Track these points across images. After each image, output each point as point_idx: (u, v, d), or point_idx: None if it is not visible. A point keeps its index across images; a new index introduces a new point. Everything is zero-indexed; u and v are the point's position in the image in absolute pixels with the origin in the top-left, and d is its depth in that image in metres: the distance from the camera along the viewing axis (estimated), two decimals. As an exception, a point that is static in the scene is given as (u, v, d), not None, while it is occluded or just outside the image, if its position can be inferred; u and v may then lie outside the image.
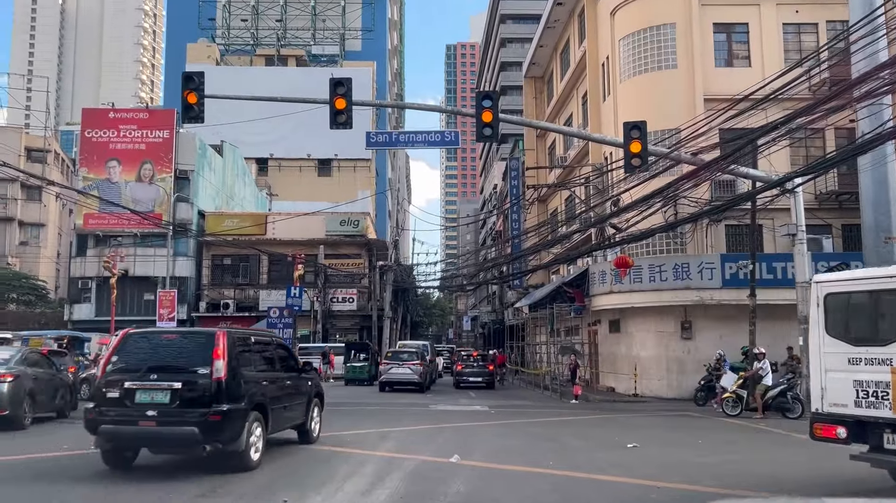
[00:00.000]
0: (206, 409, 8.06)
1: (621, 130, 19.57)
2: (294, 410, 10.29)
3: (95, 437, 8.26)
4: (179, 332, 10.29)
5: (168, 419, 8.04)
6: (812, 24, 24.06)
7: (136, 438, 8.40)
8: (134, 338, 8.87)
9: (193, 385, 8.18)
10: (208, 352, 8.35)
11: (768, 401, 16.28)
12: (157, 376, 8.25)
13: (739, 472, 8.70)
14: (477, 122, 15.70)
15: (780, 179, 17.10)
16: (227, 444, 8.24)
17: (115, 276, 32.36)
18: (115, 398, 8.24)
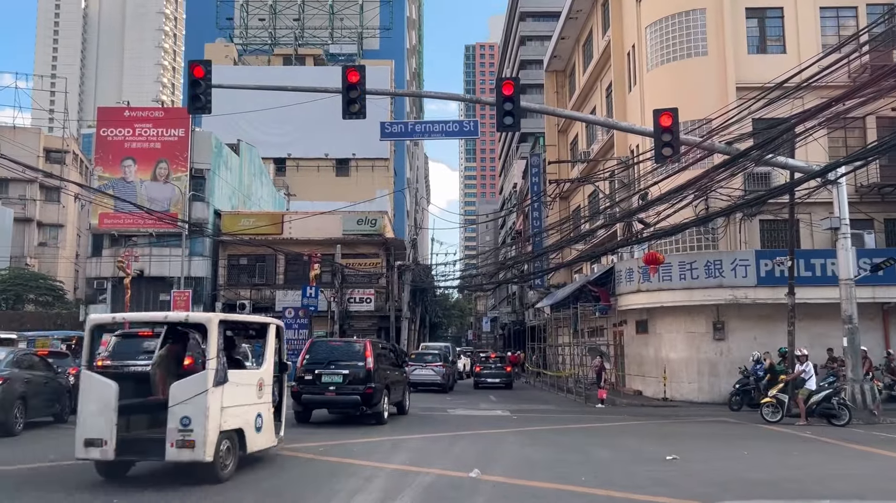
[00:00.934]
0: (363, 386, 13.67)
1: (648, 122, 18.65)
2: (398, 391, 15.90)
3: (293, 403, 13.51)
4: (344, 340, 16.36)
5: (341, 392, 13.84)
6: (851, 8, 22.83)
7: (322, 403, 14.19)
8: (317, 343, 15.59)
9: (356, 372, 13.79)
10: (363, 352, 14.21)
11: (812, 407, 15.14)
12: (335, 366, 14.08)
13: (801, 491, 7.67)
14: (497, 109, 14.78)
15: (823, 169, 15.97)
16: (373, 408, 13.87)
17: (128, 276, 31.84)
18: (309, 380, 14.05)
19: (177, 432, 7.45)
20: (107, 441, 7.58)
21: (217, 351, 7.89)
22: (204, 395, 7.57)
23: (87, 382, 7.93)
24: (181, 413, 7.49)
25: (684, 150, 16.32)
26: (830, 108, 14.46)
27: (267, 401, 8.98)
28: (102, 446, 7.58)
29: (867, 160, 17.39)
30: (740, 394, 18.94)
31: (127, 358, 13.45)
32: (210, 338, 7.89)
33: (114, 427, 7.61)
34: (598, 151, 30.42)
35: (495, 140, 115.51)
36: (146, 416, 8.46)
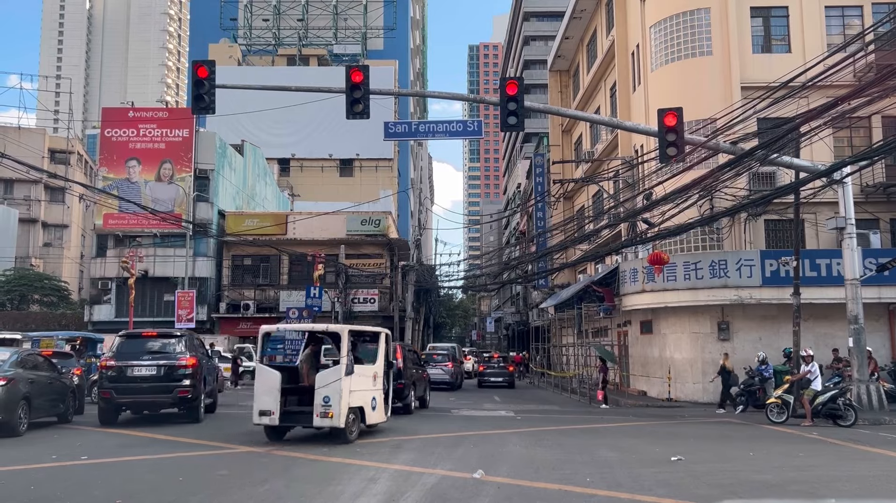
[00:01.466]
0: (395, 382, 14.25)
1: (652, 121, 18.58)
2: (421, 387, 18.79)
3: None
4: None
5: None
6: (857, 7, 22.75)
7: None
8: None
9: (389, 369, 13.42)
10: (394, 353, 15.34)
11: (817, 408, 15.06)
12: None
13: (808, 492, 7.61)
14: (501, 109, 14.75)
15: (829, 168, 15.89)
16: (403, 400, 16.18)
17: (133, 277, 31.88)
18: None
19: (321, 407, 10.81)
20: (273, 412, 10.96)
21: (347, 351, 11.16)
22: (338, 382, 10.83)
23: (261, 372, 11.42)
24: (323, 394, 10.82)
25: (689, 149, 16.26)
26: (835, 107, 14.37)
27: (379, 388, 12.25)
28: (271, 415, 10.97)
29: (872, 160, 17.31)
30: (745, 394, 18.85)
31: (131, 358, 13.45)
32: (343, 343, 11.20)
33: (277, 403, 10.96)
34: (602, 151, 30.36)
35: (499, 140, 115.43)
36: (296, 397, 11.67)
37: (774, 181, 20.99)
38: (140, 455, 9.93)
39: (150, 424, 13.63)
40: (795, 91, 15.34)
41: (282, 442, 11.38)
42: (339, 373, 10.86)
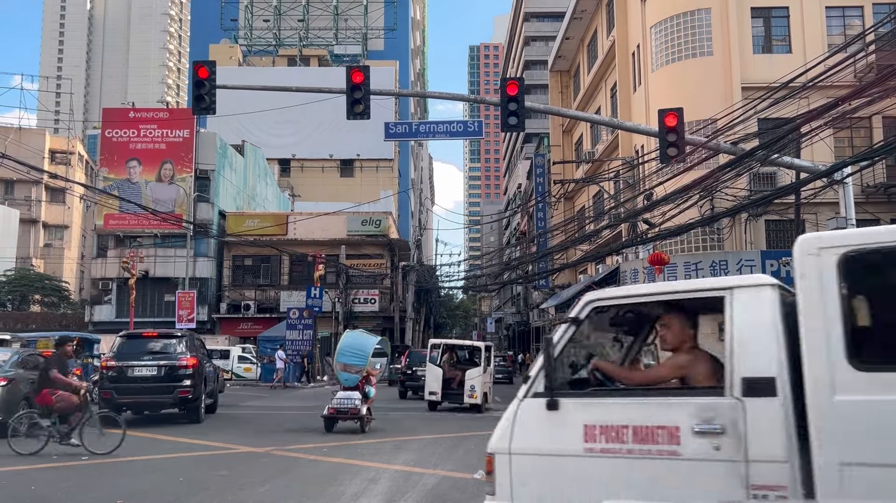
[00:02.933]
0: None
1: (653, 121, 18.57)
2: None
3: None
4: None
5: None
6: (857, 7, 22.73)
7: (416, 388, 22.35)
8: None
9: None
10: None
11: None
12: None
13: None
14: (502, 110, 14.73)
15: (829, 169, 15.85)
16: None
17: (134, 277, 31.91)
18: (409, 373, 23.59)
19: (468, 391, 17.70)
20: (437, 392, 18.15)
21: (484, 359, 18.29)
22: (479, 377, 17.82)
23: (430, 369, 18.58)
24: (470, 384, 17.71)
25: (689, 150, 16.25)
26: (836, 107, 14.34)
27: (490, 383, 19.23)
28: (436, 395, 18.16)
29: (873, 160, 17.29)
30: None
31: (132, 358, 13.45)
32: (482, 354, 18.57)
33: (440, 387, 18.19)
34: (602, 151, 30.37)
35: (500, 140, 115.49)
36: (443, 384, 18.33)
37: (775, 181, 20.98)
38: (140, 455, 9.93)
39: (150, 424, 13.64)
40: (796, 91, 15.31)
41: (282, 443, 11.38)
42: (479, 372, 18.00)
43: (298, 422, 14.64)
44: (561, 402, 4.00)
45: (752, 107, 16.29)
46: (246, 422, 15.31)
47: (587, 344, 4.54)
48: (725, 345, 3.83)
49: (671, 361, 4.36)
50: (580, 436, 3.93)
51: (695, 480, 3.65)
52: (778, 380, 3.57)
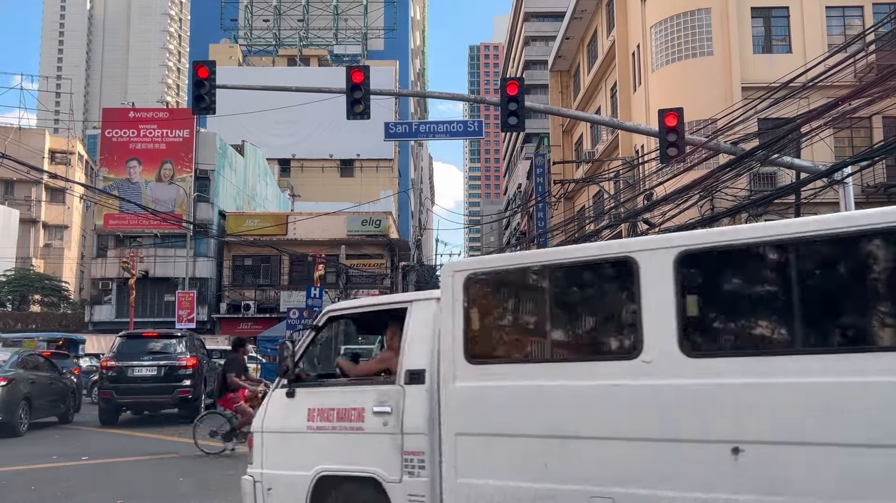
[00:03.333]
0: None
1: (653, 121, 18.57)
2: None
3: None
4: None
5: None
6: (857, 7, 22.73)
7: None
8: None
9: None
10: None
11: None
12: None
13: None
14: (502, 109, 14.72)
15: (830, 169, 15.83)
16: None
17: (133, 277, 31.92)
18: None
19: None
20: None
21: None
22: None
23: None
24: None
25: (689, 150, 16.26)
26: (836, 107, 14.34)
27: None
28: None
29: (873, 160, 17.27)
30: None
31: (131, 358, 13.46)
32: None
33: None
34: (602, 151, 30.37)
35: (500, 140, 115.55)
36: None
37: (775, 181, 20.99)
38: (140, 455, 9.93)
39: (150, 425, 13.63)
40: (796, 91, 15.30)
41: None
42: None
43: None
44: (297, 392, 5.11)
45: (752, 107, 16.28)
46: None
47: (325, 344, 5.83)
48: (402, 344, 4.84)
49: (378, 357, 5.42)
50: (305, 417, 5.01)
51: (371, 448, 4.71)
52: (427, 371, 4.60)
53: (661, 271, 3.87)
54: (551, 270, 4.46)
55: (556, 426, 4.09)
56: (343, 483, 4.80)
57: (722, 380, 3.67)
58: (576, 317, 4.53)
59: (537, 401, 4.18)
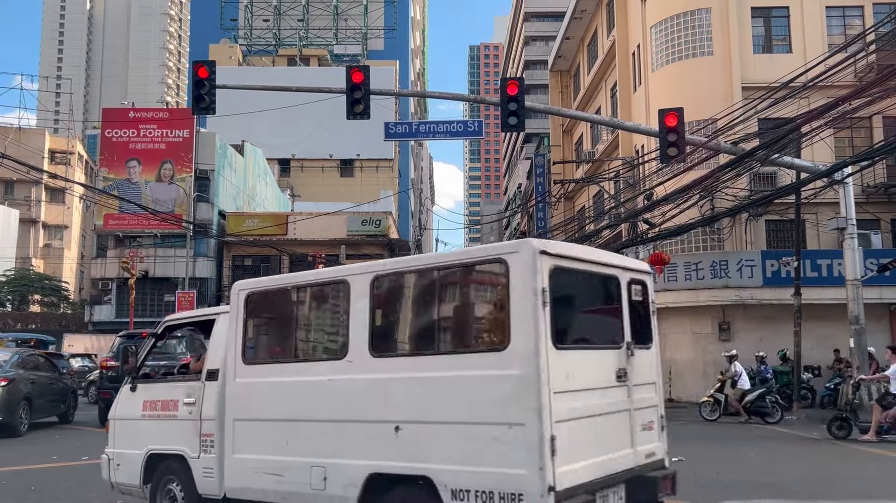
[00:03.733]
0: None
1: (653, 121, 18.57)
2: None
3: None
4: None
5: None
6: (857, 7, 22.72)
7: None
8: None
9: None
10: None
11: (747, 405, 15.38)
12: None
13: (809, 493, 7.59)
14: (502, 109, 14.73)
15: (830, 169, 15.86)
16: None
17: (133, 277, 31.88)
18: None
19: None
20: None
21: None
22: None
23: None
24: None
25: (689, 149, 16.25)
26: (836, 107, 14.35)
27: None
28: None
29: (874, 160, 17.29)
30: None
31: (131, 358, 13.48)
32: None
33: None
34: (602, 151, 30.36)
35: (500, 140, 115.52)
36: None
37: (775, 181, 20.98)
38: (141, 455, 9.91)
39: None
40: (796, 91, 15.32)
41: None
42: None
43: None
44: (137, 387, 6.45)
45: (752, 107, 16.29)
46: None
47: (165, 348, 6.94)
48: (208, 348, 6.03)
49: (201, 359, 6.32)
50: (141, 407, 6.30)
51: (182, 432, 5.89)
52: (220, 370, 5.75)
53: (362, 291, 4.99)
54: (297, 289, 5.64)
55: (291, 412, 5.25)
56: (165, 459, 6.01)
57: (390, 376, 4.78)
58: (310, 326, 5.71)
59: (281, 393, 5.35)
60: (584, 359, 4.73)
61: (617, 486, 4.75)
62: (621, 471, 4.82)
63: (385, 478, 4.65)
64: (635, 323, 5.31)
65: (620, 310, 5.19)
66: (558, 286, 4.50)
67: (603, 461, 4.66)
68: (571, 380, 4.48)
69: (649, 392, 5.40)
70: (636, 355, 5.21)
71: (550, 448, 4.13)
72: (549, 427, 4.15)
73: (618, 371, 4.99)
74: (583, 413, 4.54)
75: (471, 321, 4.86)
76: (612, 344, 5.07)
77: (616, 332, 5.13)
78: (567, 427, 4.32)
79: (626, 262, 5.49)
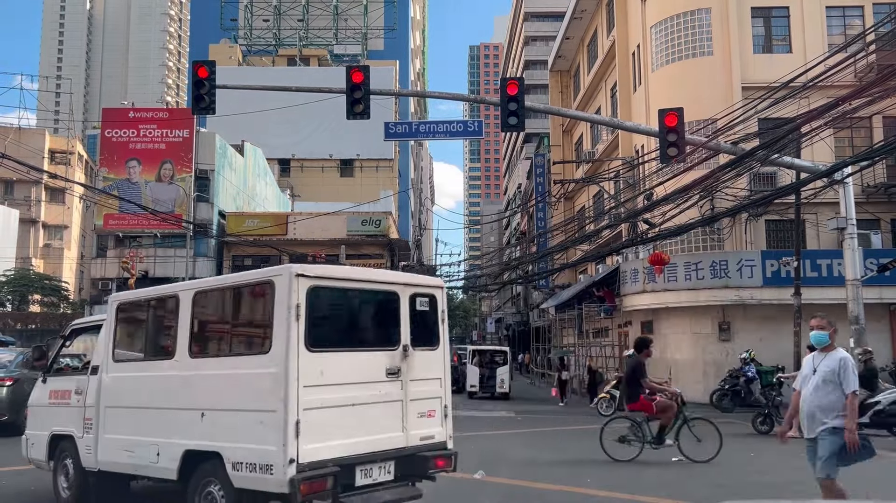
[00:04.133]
0: None
1: (653, 121, 18.57)
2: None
3: None
4: None
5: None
6: (857, 7, 22.74)
7: None
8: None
9: None
10: None
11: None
12: None
13: (809, 493, 7.60)
14: (502, 109, 14.73)
15: (830, 169, 15.87)
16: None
17: (133, 277, 31.84)
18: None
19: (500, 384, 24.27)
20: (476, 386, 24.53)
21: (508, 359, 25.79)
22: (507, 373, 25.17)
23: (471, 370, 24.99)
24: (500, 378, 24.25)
25: (689, 150, 16.26)
26: (836, 107, 14.36)
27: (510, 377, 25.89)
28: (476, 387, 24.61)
29: (873, 160, 17.30)
30: (730, 394, 18.72)
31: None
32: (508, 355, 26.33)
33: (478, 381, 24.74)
34: (602, 151, 30.36)
35: (500, 140, 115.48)
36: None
37: (775, 181, 20.99)
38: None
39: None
40: (796, 91, 15.33)
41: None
42: (506, 369, 24.04)
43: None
44: (48, 380, 7.66)
45: (752, 107, 16.29)
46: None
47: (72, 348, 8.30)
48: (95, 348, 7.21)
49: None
50: (48, 396, 7.56)
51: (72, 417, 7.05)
52: (100, 366, 6.88)
53: (186, 304, 6.16)
54: (149, 301, 6.89)
55: (140, 401, 6.43)
56: (63, 439, 7.18)
57: (199, 373, 5.95)
58: (157, 331, 6.82)
59: (135, 386, 6.55)
60: (343, 359, 5.65)
61: (384, 462, 5.70)
62: (390, 450, 5.73)
63: (196, 454, 5.74)
64: (417, 328, 6.18)
65: (398, 318, 6.04)
66: (318, 301, 5.51)
67: (365, 441, 5.57)
68: (325, 377, 5.42)
69: (432, 385, 6.25)
70: (415, 355, 6.08)
71: (295, 430, 5.12)
72: (294, 413, 5.14)
73: (389, 368, 5.88)
74: (337, 402, 5.47)
75: (248, 330, 6.10)
76: (385, 346, 5.94)
77: (391, 336, 6.01)
78: (316, 413, 5.28)
79: (409, 279, 6.56)
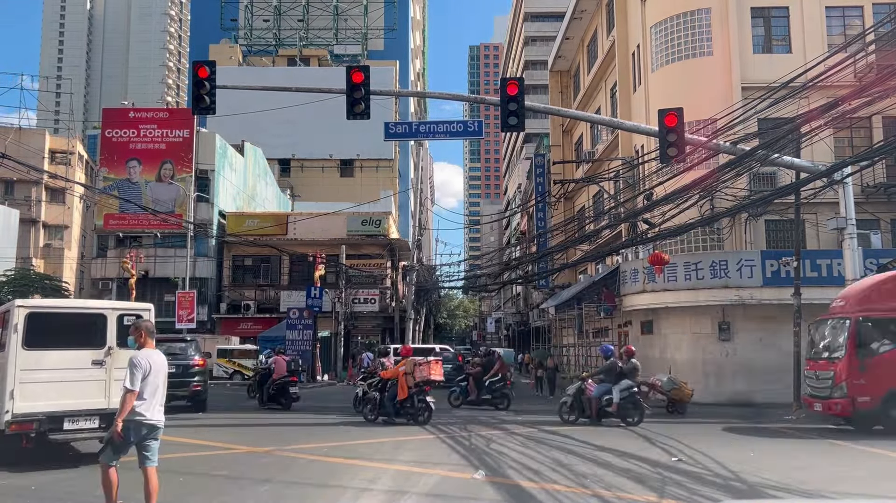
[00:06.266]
0: None
1: (653, 121, 18.57)
2: None
3: None
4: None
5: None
6: (857, 7, 22.73)
7: None
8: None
9: None
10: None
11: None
12: None
13: (809, 493, 7.60)
14: (502, 109, 14.73)
15: (829, 169, 15.88)
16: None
17: (134, 277, 31.88)
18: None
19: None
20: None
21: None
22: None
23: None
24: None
25: (689, 150, 16.25)
26: (836, 107, 14.37)
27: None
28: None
29: (873, 160, 17.31)
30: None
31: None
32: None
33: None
34: (602, 151, 30.36)
35: (500, 140, 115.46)
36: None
37: (775, 181, 20.99)
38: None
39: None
40: (796, 91, 15.33)
41: (283, 443, 11.39)
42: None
43: (300, 421, 14.64)
44: None
45: (752, 107, 16.29)
46: (247, 421, 15.32)
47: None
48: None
49: None
50: None
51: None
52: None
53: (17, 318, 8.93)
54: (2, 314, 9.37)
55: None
56: None
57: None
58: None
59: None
60: (55, 354, 8.99)
61: (90, 417, 9.04)
62: (94, 409, 9.06)
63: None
64: (122, 336, 9.00)
65: (105, 329, 9.30)
66: (38, 320, 8.99)
67: (73, 403, 8.95)
68: (39, 363, 8.85)
69: None
70: (119, 352, 9.22)
71: (10, 394, 8.69)
72: (11, 384, 8.70)
73: (95, 360, 9.20)
74: (47, 379, 8.85)
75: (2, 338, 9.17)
76: (93, 346, 9.21)
77: (98, 340, 9.24)
78: (31, 385, 8.77)
79: (116, 305, 10.47)
